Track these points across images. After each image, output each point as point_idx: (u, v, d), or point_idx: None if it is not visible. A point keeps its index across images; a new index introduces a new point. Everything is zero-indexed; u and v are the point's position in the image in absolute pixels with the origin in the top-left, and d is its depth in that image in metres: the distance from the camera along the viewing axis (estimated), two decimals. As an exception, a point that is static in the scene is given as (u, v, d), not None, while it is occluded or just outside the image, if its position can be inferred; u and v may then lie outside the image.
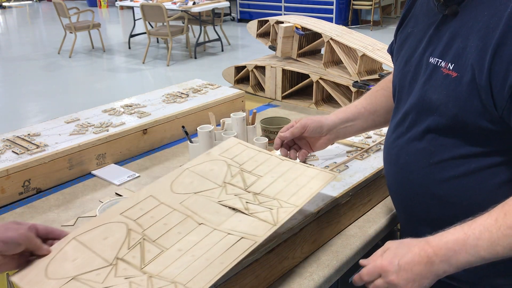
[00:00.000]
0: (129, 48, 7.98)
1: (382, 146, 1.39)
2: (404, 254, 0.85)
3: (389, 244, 0.89)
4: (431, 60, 0.94)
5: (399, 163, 1.03)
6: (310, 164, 1.21)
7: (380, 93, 1.25)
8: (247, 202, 0.97)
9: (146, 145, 1.69)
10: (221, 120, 1.60)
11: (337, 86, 2.07)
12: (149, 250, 0.83)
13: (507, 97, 0.81)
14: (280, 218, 0.92)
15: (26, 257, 0.83)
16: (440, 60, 0.92)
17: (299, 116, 2.02)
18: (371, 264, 0.88)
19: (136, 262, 0.80)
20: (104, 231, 0.86)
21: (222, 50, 7.63)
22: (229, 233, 0.88)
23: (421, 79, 0.96)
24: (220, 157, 1.11)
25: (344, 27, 2.23)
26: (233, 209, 0.95)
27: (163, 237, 0.86)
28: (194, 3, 7.04)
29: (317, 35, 2.22)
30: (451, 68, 0.89)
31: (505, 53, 0.80)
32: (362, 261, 0.91)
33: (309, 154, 1.31)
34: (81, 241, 0.84)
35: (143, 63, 6.98)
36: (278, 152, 1.24)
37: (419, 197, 0.89)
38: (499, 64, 0.81)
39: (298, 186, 1.02)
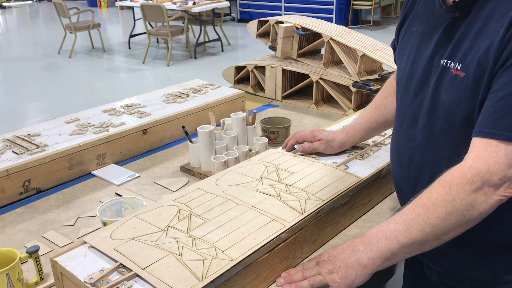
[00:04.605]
0: (129, 48, 7.98)
1: (382, 146, 1.39)
2: (336, 247, 0.95)
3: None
4: (442, 62, 0.95)
5: (412, 166, 1.03)
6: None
7: (389, 100, 1.26)
8: (279, 191, 1.13)
9: (146, 145, 1.69)
10: (221, 120, 1.61)
11: (337, 86, 2.07)
12: (195, 221, 1.02)
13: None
14: (307, 208, 1.07)
15: None
16: (449, 62, 0.93)
17: (299, 116, 2.02)
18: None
19: (184, 228, 0.99)
20: (159, 211, 1.06)
21: (222, 50, 7.63)
22: (262, 213, 1.04)
23: (432, 81, 0.97)
24: (259, 162, 1.30)
25: (344, 27, 2.23)
26: (268, 194, 1.12)
27: (207, 213, 1.05)
28: (194, 3, 7.04)
29: (317, 35, 2.22)
30: (459, 68, 0.90)
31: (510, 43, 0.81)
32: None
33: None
34: (140, 218, 1.04)
35: (143, 63, 6.98)
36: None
37: None
38: (503, 57, 0.82)
39: (326, 183, 1.17)
